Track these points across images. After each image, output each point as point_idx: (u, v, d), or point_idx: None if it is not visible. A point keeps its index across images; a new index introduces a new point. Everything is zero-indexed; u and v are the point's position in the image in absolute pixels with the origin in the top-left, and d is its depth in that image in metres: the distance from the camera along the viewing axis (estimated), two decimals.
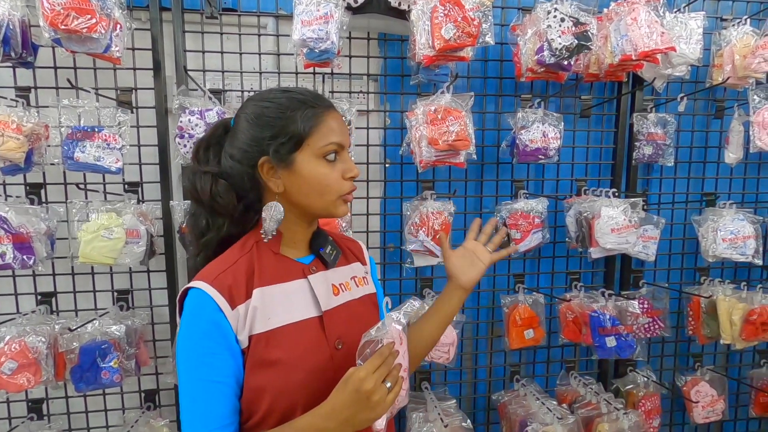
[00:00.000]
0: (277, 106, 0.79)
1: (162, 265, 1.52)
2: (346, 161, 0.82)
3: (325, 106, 0.82)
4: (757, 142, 1.53)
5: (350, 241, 1.00)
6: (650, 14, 1.39)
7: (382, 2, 1.38)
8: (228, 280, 0.76)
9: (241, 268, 0.78)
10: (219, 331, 0.73)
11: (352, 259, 0.95)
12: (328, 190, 0.80)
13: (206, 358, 0.73)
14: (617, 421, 1.53)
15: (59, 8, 1.15)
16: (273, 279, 0.80)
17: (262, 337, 0.75)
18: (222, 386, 0.73)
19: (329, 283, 0.86)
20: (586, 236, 1.58)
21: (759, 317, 1.60)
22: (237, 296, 0.75)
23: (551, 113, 1.56)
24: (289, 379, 0.75)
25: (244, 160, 0.79)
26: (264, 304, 0.77)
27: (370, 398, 0.67)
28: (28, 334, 1.32)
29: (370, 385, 0.66)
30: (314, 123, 0.78)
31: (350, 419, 0.68)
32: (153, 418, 1.52)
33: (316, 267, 0.86)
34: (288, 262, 0.83)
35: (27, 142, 1.30)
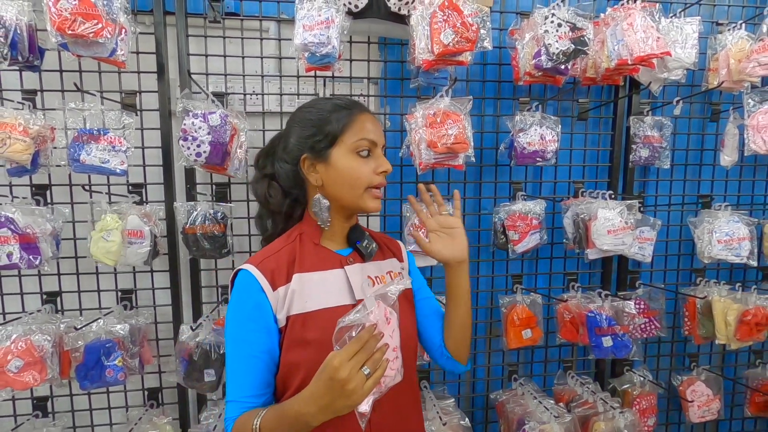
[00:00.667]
0: (318, 110, 0.91)
1: (165, 265, 1.54)
2: (378, 158, 0.91)
3: (359, 109, 0.92)
4: (752, 145, 1.55)
5: (389, 240, 1.08)
6: (646, 19, 1.42)
7: (382, 7, 1.40)
8: (271, 264, 0.86)
9: (284, 255, 0.89)
10: (259, 309, 0.83)
11: (388, 255, 1.02)
12: (359, 182, 0.88)
13: (247, 334, 0.83)
14: (613, 420, 1.55)
15: (66, 14, 1.17)
16: (312, 267, 0.89)
17: (299, 318, 0.84)
18: (257, 361, 0.83)
19: (365, 274, 0.93)
20: (583, 238, 1.60)
21: (753, 318, 1.62)
22: (278, 279, 0.85)
23: (549, 116, 1.59)
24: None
25: (290, 159, 0.92)
26: (302, 288, 0.86)
27: (344, 387, 0.66)
28: (34, 332, 1.34)
29: (345, 374, 0.66)
30: (347, 122, 0.89)
31: (329, 406, 0.69)
32: (156, 416, 1.55)
33: (354, 259, 0.94)
34: (327, 253, 0.92)
35: (33, 145, 1.32)
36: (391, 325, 0.73)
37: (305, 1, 1.34)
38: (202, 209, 1.44)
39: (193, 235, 1.42)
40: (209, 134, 1.34)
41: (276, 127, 1.61)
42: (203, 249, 1.43)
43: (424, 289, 1.07)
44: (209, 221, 1.43)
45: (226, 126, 1.36)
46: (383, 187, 0.92)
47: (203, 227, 1.42)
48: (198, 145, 1.34)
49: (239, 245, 1.63)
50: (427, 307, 1.04)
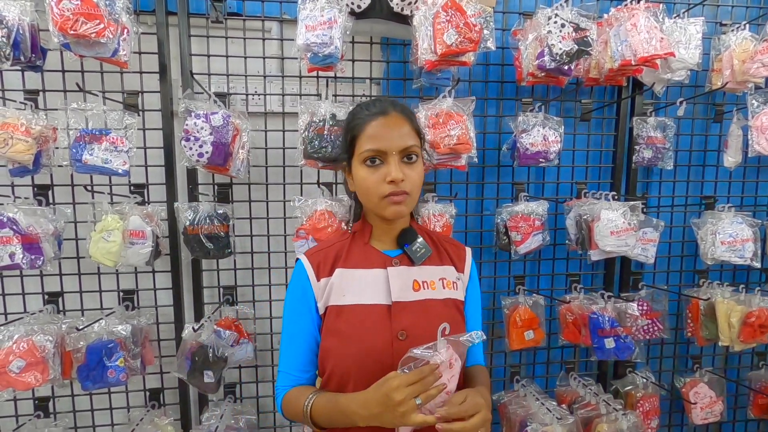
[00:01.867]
0: (348, 118, 0.96)
1: (167, 266, 1.54)
2: (388, 165, 0.88)
3: (375, 115, 0.90)
4: (756, 146, 1.55)
5: (455, 245, 1.05)
6: (649, 20, 1.41)
7: (384, 7, 1.40)
8: (320, 257, 0.95)
9: (333, 250, 0.96)
10: (305, 296, 0.93)
11: (446, 262, 1.00)
12: (369, 192, 0.90)
13: (294, 316, 0.94)
14: (616, 421, 1.54)
15: (68, 14, 1.17)
16: (355, 264, 0.94)
17: (335, 309, 0.91)
18: (301, 341, 0.92)
19: (411, 278, 0.93)
20: (585, 239, 1.60)
21: (757, 319, 1.61)
22: (322, 271, 0.93)
23: (552, 117, 1.58)
24: (346, 350, 0.88)
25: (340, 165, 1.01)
26: (341, 282, 0.91)
27: (396, 408, 0.73)
28: (36, 333, 1.34)
29: (400, 397, 0.72)
30: (357, 132, 0.90)
31: (377, 416, 0.76)
32: (158, 416, 1.55)
33: (401, 261, 0.95)
34: (373, 252, 0.96)
35: (35, 145, 1.32)
36: (452, 370, 0.78)
37: (308, 2, 1.34)
38: (205, 209, 1.43)
39: (196, 235, 1.42)
40: (211, 134, 1.34)
41: (278, 128, 1.61)
42: (206, 249, 1.43)
43: (476, 305, 1.03)
44: (212, 221, 1.42)
45: (228, 126, 1.36)
46: (400, 193, 0.88)
47: (206, 227, 1.42)
48: (200, 145, 1.34)
49: (241, 245, 1.63)
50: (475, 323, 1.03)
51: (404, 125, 0.90)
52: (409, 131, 0.90)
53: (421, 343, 0.81)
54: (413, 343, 0.83)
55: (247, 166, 1.48)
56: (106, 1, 1.22)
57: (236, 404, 1.64)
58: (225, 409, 1.55)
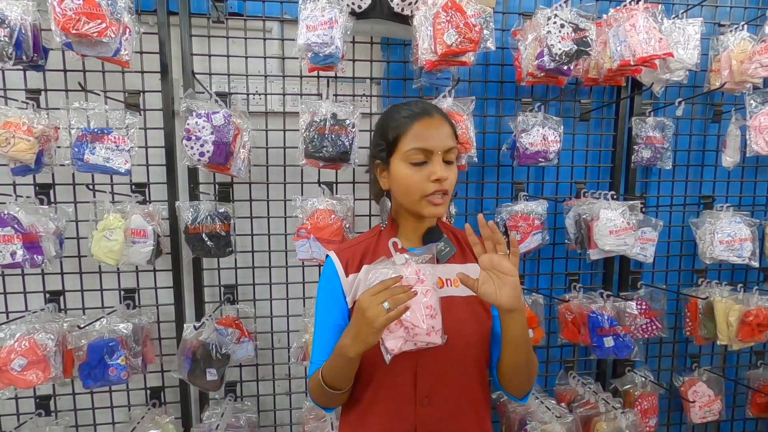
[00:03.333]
0: (386, 117, 0.97)
1: (168, 265, 1.55)
2: (433, 165, 0.90)
3: (420, 117, 0.92)
4: (754, 146, 1.56)
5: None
6: (648, 20, 1.42)
7: (385, 8, 1.41)
8: (349, 254, 0.98)
9: (361, 247, 0.99)
10: (335, 290, 0.96)
11: (470, 260, 1.00)
12: (411, 190, 0.91)
13: (326, 306, 0.96)
14: (615, 420, 1.55)
15: (71, 13, 1.18)
16: None
17: None
18: (332, 333, 0.94)
19: (435, 275, 0.91)
20: (585, 238, 1.60)
21: (755, 318, 1.62)
22: (351, 267, 0.97)
23: (551, 117, 1.59)
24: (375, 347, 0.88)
25: (370, 161, 1.01)
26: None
27: (365, 314, 0.78)
28: (38, 331, 1.35)
29: (365, 304, 0.78)
30: (402, 131, 0.91)
31: (357, 336, 0.80)
32: (158, 414, 1.55)
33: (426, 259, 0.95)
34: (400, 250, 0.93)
35: (37, 144, 1.32)
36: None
37: (309, 2, 1.35)
38: (206, 208, 1.44)
39: (198, 234, 1.42)
40: (212, 134, 1.34)
41: (279, 127, 1.62)
42: (207, 248, 1.44)
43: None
44: (213, 220, 1.43)
45: (229, 126, 1.36)
46: (442, 192, 0.89)
47: (207, 226, 1.42)
48: (201, 144, 1.34)
49: (242, 244, 1.63)
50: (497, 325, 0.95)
51: (447, 127, 0.93)
52: (451, 133, 0.93)
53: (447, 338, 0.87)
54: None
55: (248, 166, 1.48)
56: (108, 1, 1.23)
57: (237, 403, 1.64)
58: (226, 408, 1.55)
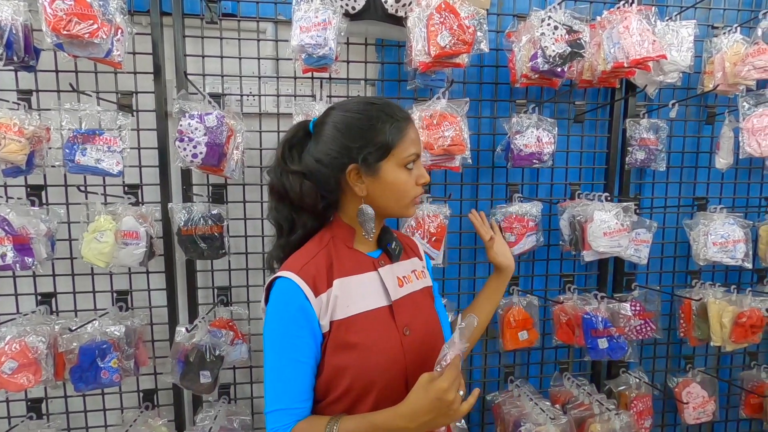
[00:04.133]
0: (367, 117, 0.87)
1: (161, 267, 1.54)
2: (419, 168, 0.92)
3: (406, 119, 0.90)
4: (747, 148, 1.56)
5: (407, 238, 1.10)
6: (642, 23, 1.42)
7: (379, 9, 1.40)
8: (312, 270, 0.85)
9: (322, 260, 0.87)
10: (305, 316, 0.83)
11: (411, 255, 1.05)
12: (406, 194, 0.89)
13: (293, 340, 0.82)
14: (609, 421, 1.55)
15: (61, 14, 1.17)
16: (350, 271, 0.89)
17: (343, 323, 0.85)
18: (304, 366, 0.83)
19: (395, 275, 0.95)
20: (579, 239, 1.61)
21: (748, 320, 1.62)
22: (320, 285, 0.85)
23: (545, 118, 1.59)
24: (369, 361, 0.84)
25: (331, 165, 0.87)
26: (343, 293, 0.86)
27: (450, 407, 0.74)
28: (29, 334, 1.34)
29: (452, 396, 0.74)
30: (400, 135, 0.87)
31: (429, 423, 0.75)
32: (151, 417, 1.54)
33: (384, 261, 0.96)
34: (360, 256, 0.93)
35: (28, 145, 1.31)
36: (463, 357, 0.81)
37: (302, 3, 1.34)
38: (199, 210, 1.43)
39: (190, 236, 1.41)
40: (205, 135, 1.34)
41: (273, 128, 1.61)
42: (200, 250, 1.43)
43: (435, 288, 1.10)
44: (206, 222, 1.42)
45: (222, 127, 1.36)
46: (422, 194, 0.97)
47: (200, 228, 1.42)
48: (194, 146, 1.34)
49: (235, 246, 1.62)
50: (438, 306, 1.07)
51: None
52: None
53: (419, 333, 0.90)
54: (415, 336, 0.90)
55: (242, 167, 1.48)
56: (99, 2, 1.22)
57: (230, 405, 1.63)
58: (219, 410, 1.55)
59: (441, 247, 1.52)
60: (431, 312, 1.00)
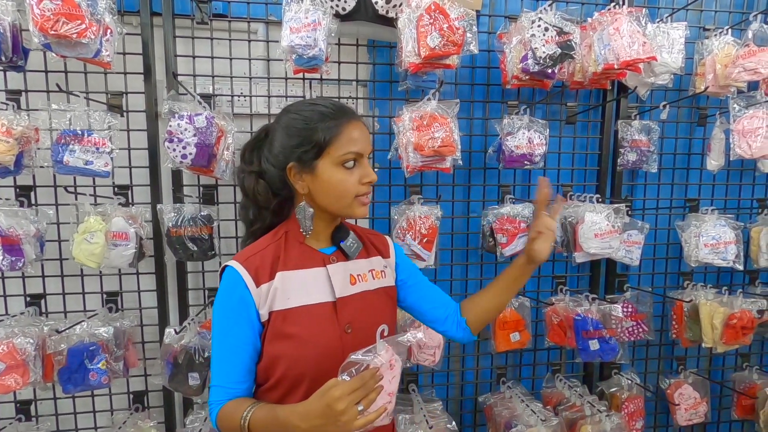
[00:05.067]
0: (303, 118, 0.91)
1: (151, 267, 1.54)
2: (364, 167, 0.92)
3: (347, 118, 0.91)
4: (737, 150, 1.56)
5: (376, 236, 1.10)
6: (632, 24, 1.42)
7: (370, 10, 1.40)
8: (256, 262, 0.90)
9: (269, 253, 0.92)
10: (243, 304, 0.88)
11: (373, 253, 1.04)
12: (345, 193, 0.90)
13: (231, 325, 0.88)
14: (600, 423, 1.55)
15: (49, 14, 1.16)
16: (295, 265, 0.92)
17: (281, 314, 0.89)
18: (240, 351, 0.88)
19: (347, 273, 0.96)
20: (570, 241, 1.61)
21: (739, 321, 1.62)
22: (262, 276, 0.89)
23: (537, 120, 1.59)
24: (302, 352, 0.87)
25: (277, 164, 0.92)
26: (284, 285, 0.90)
27: (338, 418, 0.71)
28: (17, 335, 1.33)
29: (342, 406, 0.71)
30: (334, 134, 0.89)
31: (318, 427, 0.74)
32: (141, 419, 1.54)
33: (337, 258, 0.97)
34: (311, 252, 0.95)
35: (17, 145, 1.30)
36: (393, 371, 0.78)
37: (292, 4, 1.34)
38: (188, 211, 1.43)
39: (179, 237, 1.41)
40: (195, 136, 1.33)
41: None
42: (189, 251, 1.42)
43: (417, 274, 1.11)
44: (196, 223, 1.42)
45: (212, 128, 1.35)
46: (369, 193, 0.95)
47: (189, 229, 1.41)
48: (184, 146, 1.33)
49: (226, 247, 1.62)
50: (425, 288, 1.10)
51: (367, 129, 0.95)
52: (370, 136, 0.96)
53: (364, 333, 0.92)
54: (358, 334, 0.91)
55: (233, 168, 1.47)
56: (88, 2, 1.21)
57: None
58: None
59: (432, 249, 1.52)
60: (385, 312, 0.99)
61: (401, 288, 1.08)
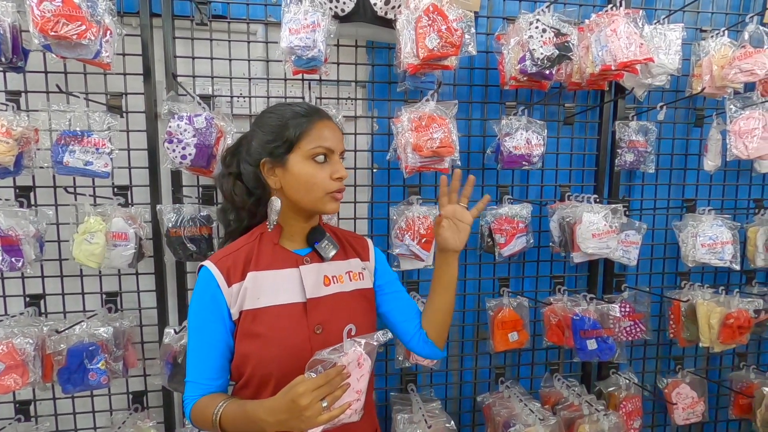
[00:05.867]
0: (278, 116, 0.95)
1: (150, 268, 1.54)
2: (335, 163, 0.95)
3: (318, 116, 0.95)
4: (734, 151, 1.57)
5: (355, 238, 1.10)
6: (629, 26, 1.43)
7: (368, 11, 1.41)
8: (228, 262, 0.93)
9: (242, 254, 0.94)
10: (215, 303, 0.91)
11: (351, 255, 1.05)
12: (315, 187, 0.92)
13: (204, 323, 0.91)
14: (597, 422, 1.56)
15: (49, 15, 1.17)
16: (267, 266, 0.94)
17: (250, 313, 0.91)
18: (213, 348, 0.91)
19: (321, 274, 0.97)
20: (568, 241, 1.61)
21: (735, 321, 1.64)
22: (233, 276, 0.92)
23: (535, 120, 1.60)
24: (268, 352, 0.89)
25: (252, 161, 0.96)
26: (255, 286, 0.91)
27: (302, 413, 0.73)
28: (16, 335, 1.33)
29: (305, 401, 0.73)
30: (305, 129, 0.92)
31: (284, 422, 0.76)
32: (141, 419, 1.54)
33: (311, 259, 0.98)
34: (284, 253, 0.97)
35: (17, 146, 1.31)
36: (361, 370, 0.79)
37: (291, 5, 1.35)
38: (188, 212, 1.43)
39: (179, 237, 1.41)
40: (194, 137, 1.34)
41: None
42: (189, 251, 1.43)
43: (395, 283, 1.11)
44: (195, 223, 1.42)
45: (211, 128, 1.36)
46: (343, 190, 0.96)
47: (188, 230, 1.42)
48: (183, 147, 1.34)
49: None
50: (400, 299, 1.09)
51: (340, 130, 0.99)
52: (342, 137, 0.99)
53: (336, 334, 0.93)
54: (329, 335, 0.92)
55: None
56: (88, 3, 1.22)
57: None
58: None
59: (431, 249, 1.52)
60: (357, 311, 0.99)
61: (377, 294, 1.08)
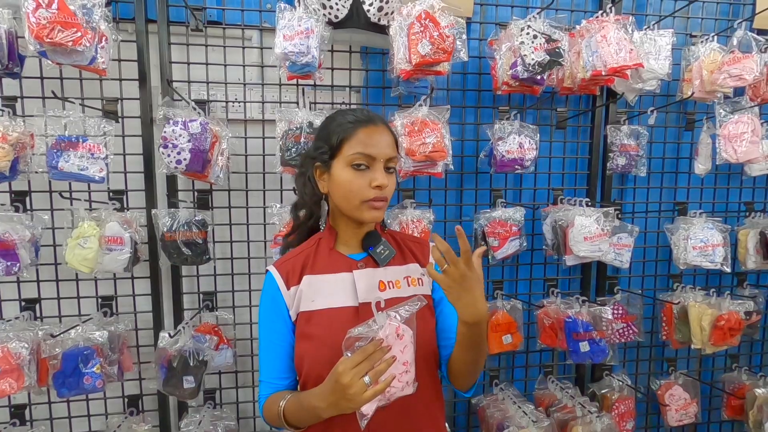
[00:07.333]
0: (332, 121, 0.98)
1: (146, 272, 1.54)
2: (374, 171, 0.92)
3: (363, 122, 0.94)
4: (723, 154, 1.59)
5: (416, 243, 1.09)
6: (619, 32, 1.45)
7: (362, 18, 1.42)
8: (288, 266, 0.98)
9: (300, 258, 0.99)
10: (277, 305, 0.96)
11: (410, 260, 1.04)
12: (351, 195, 0.92)
13: (269, 325, 0.96)
14: (590, 424, 1.57)
15: (45, 22, 1.18)
16: (322, 270, 0.97)
17: (305, 315, 0.94)
18: (278, 348, 0.95)
19: (376, 279, 0.97)
20: (561, 244, 1.63)
21: (726, 323, 1.65)
22: (292, 280, 0.96)
23: (527, 125, 1.62)
24: (320, 353, 0.90)
25: (310, 164, 0.99)
26: (309, 289, 0.95)
27: (345, 391, 0.75)
28: (11, 340, 1.34)
29: (347, 380, 0.74)
30: (346, 135, 0.93)
31: (334, 404, 0.78)
32: (136, 423, 1.55)
33: (366, 264, 0.98)
34: (339, 257, 0.99)
35: (12, 151, 1.32)
36: (403, 341, 0.79)
37: (286, 11, 1.37)
38: (183, 216, 1.44)
39: (173, 241, 1.42)
40: (189, 142, 1.35)
41: (258, 135, 1.63)
42: (184, 256, 1.44)
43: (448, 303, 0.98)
44: (190, 228, 1.43)
45: (206, 133, 1.37)
46: (382, 199, 0.93)
47: (184, 234, 1.42)
48: (178, 152, 1.35)
49: (221, 252, 1.63)
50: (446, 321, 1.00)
51: (389, 136, 0.96)
52: (392, 143, 0.96)
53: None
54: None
55: (227, 173, 1.49)
56: (83, 10, 1.23)
57: (215, 410, 1.64)
58: (204, 415, 1.55)
59: None
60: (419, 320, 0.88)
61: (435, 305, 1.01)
